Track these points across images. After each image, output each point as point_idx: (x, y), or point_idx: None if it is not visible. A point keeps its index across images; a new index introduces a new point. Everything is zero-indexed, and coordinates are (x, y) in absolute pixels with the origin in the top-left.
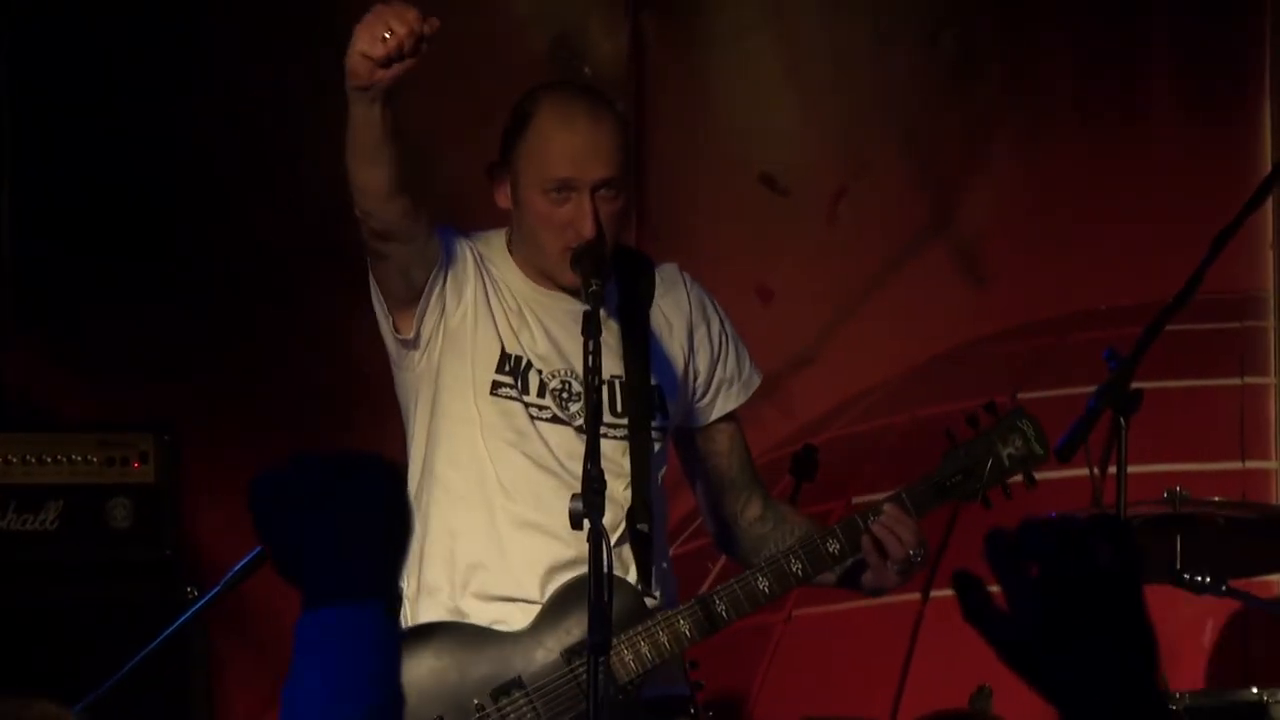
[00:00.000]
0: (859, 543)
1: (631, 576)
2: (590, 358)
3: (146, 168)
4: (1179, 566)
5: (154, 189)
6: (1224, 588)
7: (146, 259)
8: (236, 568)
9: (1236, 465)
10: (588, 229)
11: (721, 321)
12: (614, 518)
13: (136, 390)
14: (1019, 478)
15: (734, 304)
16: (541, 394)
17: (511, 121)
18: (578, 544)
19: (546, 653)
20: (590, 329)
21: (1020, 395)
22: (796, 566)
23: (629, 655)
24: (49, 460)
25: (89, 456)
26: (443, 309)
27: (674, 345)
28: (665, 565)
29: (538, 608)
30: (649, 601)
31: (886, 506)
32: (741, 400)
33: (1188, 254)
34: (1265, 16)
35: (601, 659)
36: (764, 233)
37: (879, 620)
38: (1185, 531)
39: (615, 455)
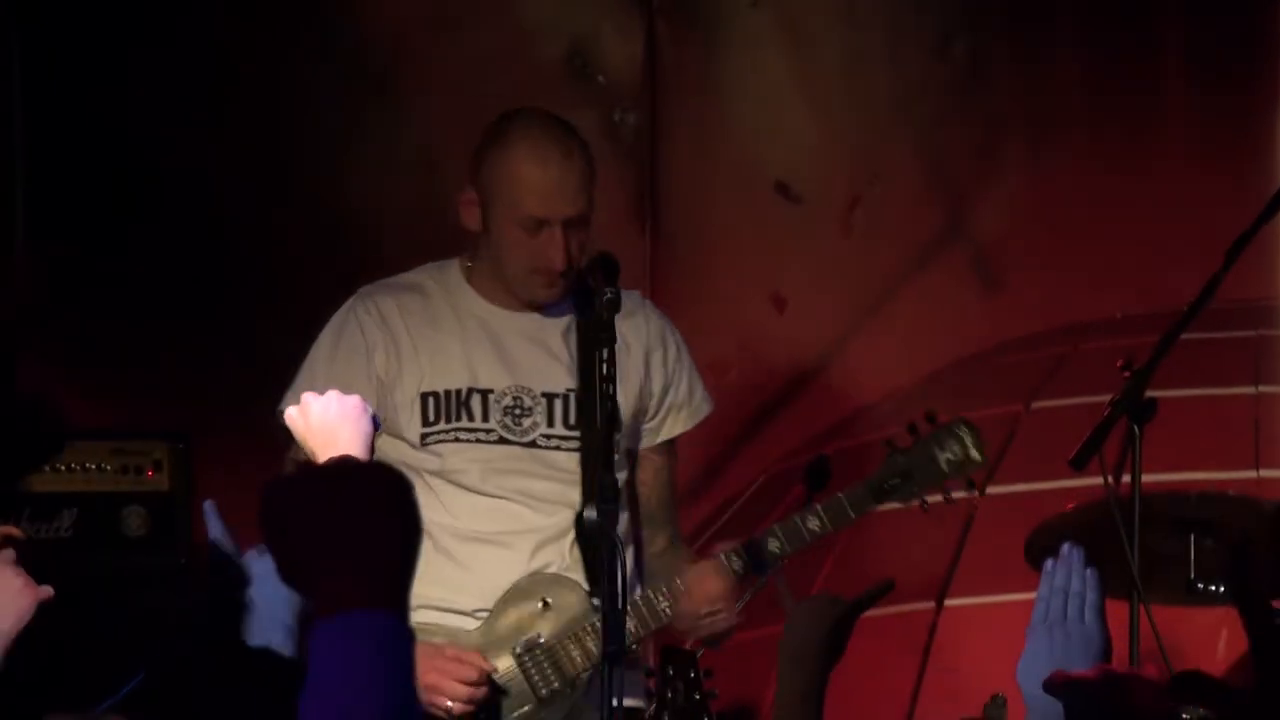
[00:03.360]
0: (802, 542)
1: (578, 576)
2: (605, 366)
3: (161, 175)
4: (1193, 575)
5: (170, 196)
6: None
7: (159, 265)
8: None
9: (1251, 474)
10: (559, 262)
11: (679, 349)
12: (560, 521)
13: (151, 398)
14: (960, 486)
15: (748, 312)
16: (486, 418)
17: (485, 148)
18: (526, 554)
19: (496, 651)
20: (604, 338)
21: (1034, 404)
22: (737, 564)
23: (576, 651)
24: (63, 468)
25: (103, 465)
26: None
27: (630, 365)
28: (629, 565)
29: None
30: (595, 601)
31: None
32: (689, 425)
33: (1202, 262)
34: None
35: (616, 667)
36: (778, 241)
37: (892, 629)
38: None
39: (567, 465)
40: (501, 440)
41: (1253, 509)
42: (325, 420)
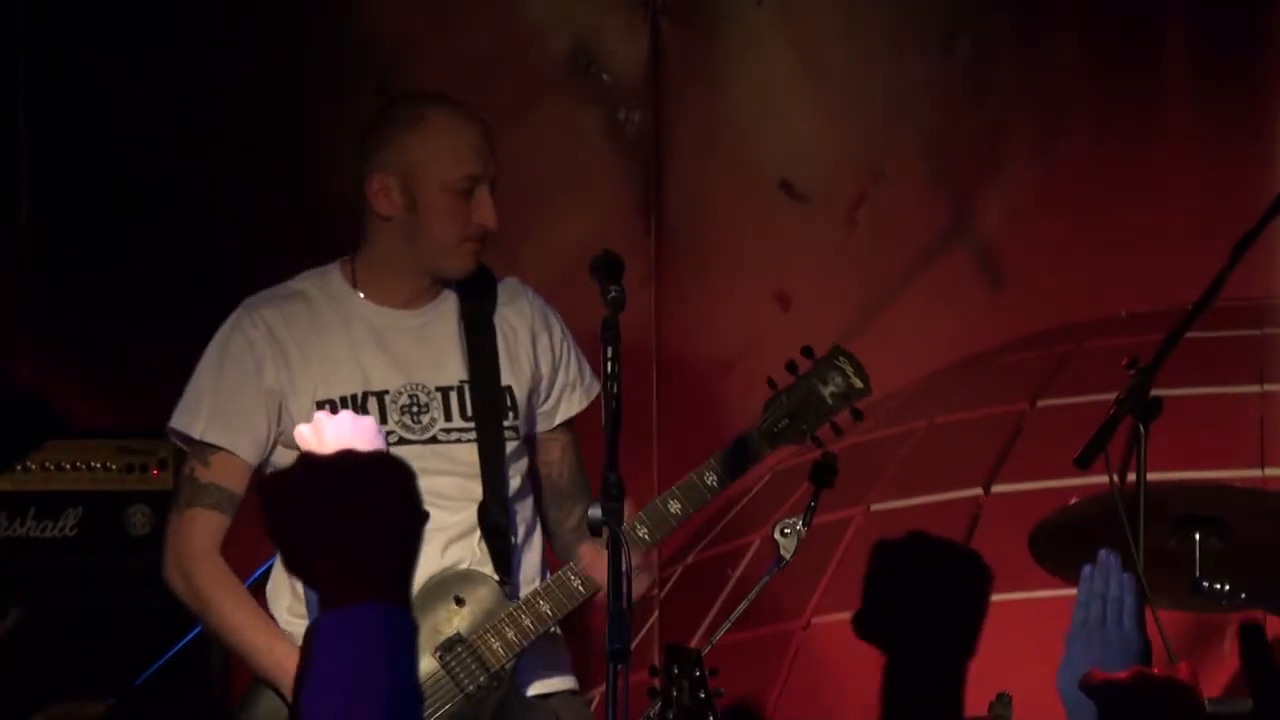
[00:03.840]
0: (703, 499)
1: (488, 569)
2: (610, 364)
3: (165, 173)
4: (1198, 574)
5: (172, 195)
6: (1242, 596)
7: (164, 265)
8: (256, 574)
9: (1256, 473)
10: (493, 219)
11: (562, 330)
12: (468, 516)
13: (155, 396)
14: (845, 414)
15: (753, 311)
16: (385, 420)
17: (394, 130)
18: (437, 551)
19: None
20: (609, 335)
21: (1039, 402)
22: (643, 531)
23: (496, 643)
24: (68, 467)
25: (108, 463)
26: (277, 429)
27: (520, 350)
28: (535, 556)
29: None
30: (507, 589)
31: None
32: (584, 405)
33: (1207, 260)
34: None
35: (621, 665)
36: (782, 239)
37: None
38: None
39: (468, 457)
40: (401, 441)
41: (1259, 503)
42: (340, 439)
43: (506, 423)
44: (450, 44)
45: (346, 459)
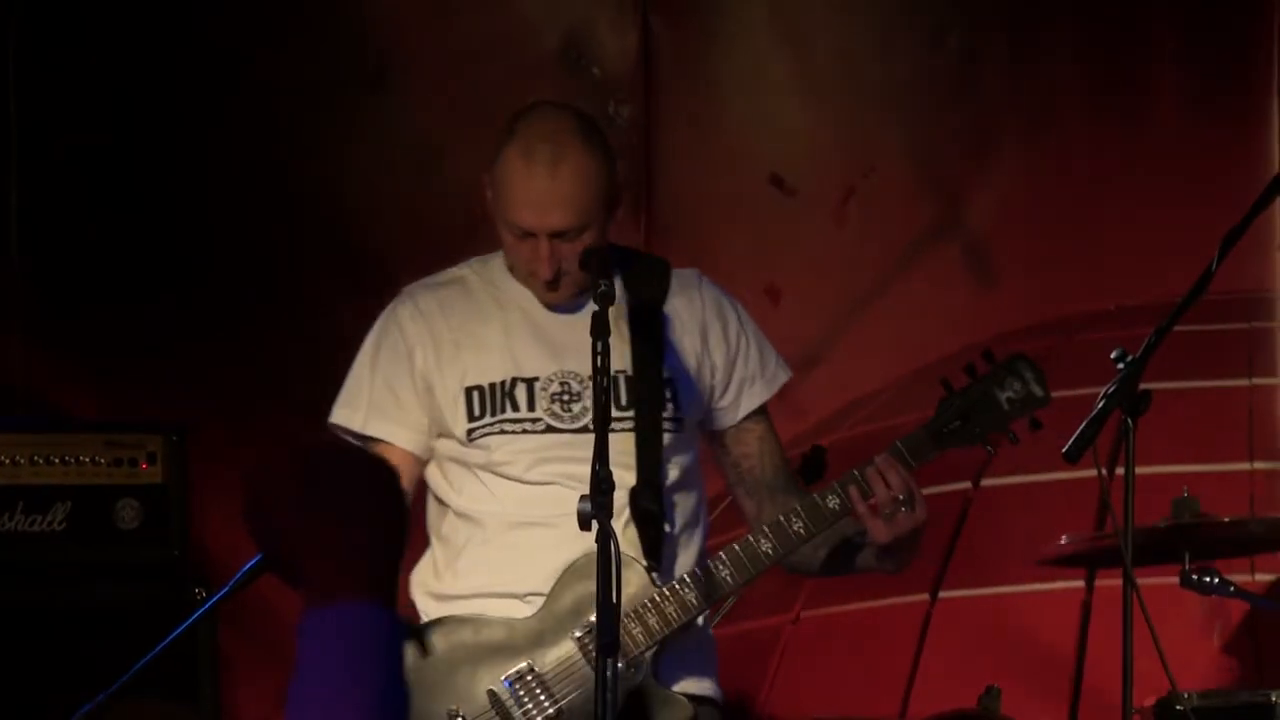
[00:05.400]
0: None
1: (636, 554)
2: (599, 358)
3: (156, 170)
4: (1186, 568)
5: (163, 191)
6: (1231, 589)
7: (155, 259)
8: (245, 569)
9: (1245, 466)
10: (544, 272)
11: (740, 321)
12: (619, 502)
13: (145, 391)
14: (1023, 422)
15: (743, 304)
16: (532, 406)
17: (500, 138)
18: (575, 533)
19: (555, 636)
20: (598, 329)
21: None
22: (798, 525)
23: (637, 629)
24: (56, 461)
25: (97, 457)
26: (430, 417)
27: (685, 342)
28: (692, 551)
29: (542, 598)
30: (654, 576)
31: (879, 456)
32: (765, 397)
33: (1195, 254)
34: (1274, 15)
35: (611, 658)
36: (772, 233)
37: (887, 621)
38: (1192, 545)
39: (622, 446)
40: (549, 429)
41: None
42: None
43: (665, 414)
44: (442, 37)
45: (327, 456)
